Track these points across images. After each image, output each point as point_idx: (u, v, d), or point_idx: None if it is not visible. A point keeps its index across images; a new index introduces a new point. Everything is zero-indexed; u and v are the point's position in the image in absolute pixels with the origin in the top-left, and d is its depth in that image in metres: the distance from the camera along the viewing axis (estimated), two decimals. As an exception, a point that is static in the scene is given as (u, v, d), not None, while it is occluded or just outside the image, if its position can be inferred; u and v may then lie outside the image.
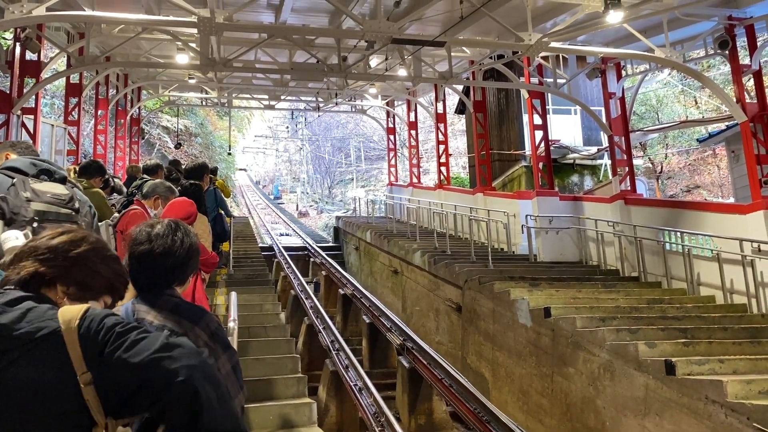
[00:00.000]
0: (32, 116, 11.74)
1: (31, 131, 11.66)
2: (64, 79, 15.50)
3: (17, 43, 11.46)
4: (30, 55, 11.82)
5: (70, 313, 1.49)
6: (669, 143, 29.30)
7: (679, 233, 10.99)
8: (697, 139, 20.92)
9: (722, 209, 11.32)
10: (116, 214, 5.17)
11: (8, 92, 11.26)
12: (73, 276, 1.67)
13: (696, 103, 30.02)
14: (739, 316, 8.88)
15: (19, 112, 11.26)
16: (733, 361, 6.73)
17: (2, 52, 11.41)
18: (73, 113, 15.23)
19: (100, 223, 4.41)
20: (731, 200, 17.44)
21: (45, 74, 12.31)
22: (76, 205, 3.11)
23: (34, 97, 11.70)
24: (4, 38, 13.98)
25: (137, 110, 22.53)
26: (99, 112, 17.80)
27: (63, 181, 3.21)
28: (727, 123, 14.78)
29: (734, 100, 11.03)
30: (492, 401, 8.35)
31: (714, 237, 10.17)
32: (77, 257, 1.68)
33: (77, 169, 6.32)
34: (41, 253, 1.66)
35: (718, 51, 11.58)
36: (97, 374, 1.43)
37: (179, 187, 5.64)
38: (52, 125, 14.52)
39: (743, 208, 10.29)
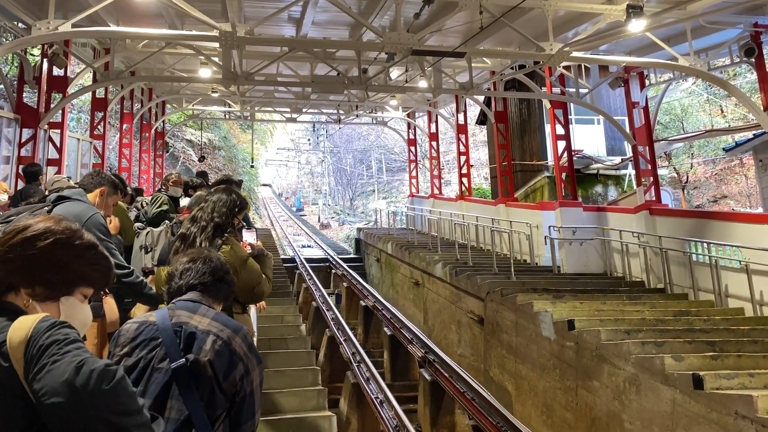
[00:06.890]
0: (59, 130, 11.97)
1: (58, 145, 11.88)
2: (90, 93, 15.79)
3: (44, 59, 11.70)
4: (57, 71, 12.05)
5: (21, 329, 1.38)
6: (694, 153, 28.85)
7: (705, 244, 10.78)
8: (724, 149, 20.53)
9: (750, 219, 11.06)
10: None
11: (36, 107, 11.49)
12: (37, 275, 1.52)
13: (722, 111, 29.56)
14: (770, 328, 8.65)
15: (46, 127, 11.51)
16: (763, 375, 6.54)
17: (30, 68, 11.65)
18: (98, 127, 15.51)
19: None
20: (759, 210, 17.08)
21: (71, 89, 12.56)
22: None
23: (60, 111, 11.93)
24: (32, 54, 14.26)
25: (161, 124, 22.86)
26: (124, 126, 18.10)
27: None
28: (754, 132, 14.50)
29: (761, 108, 10.82)
30: (515, 415, 8.22)
31: (742, 248, 9.95)
32: (38, 254, 1.51)
33: None
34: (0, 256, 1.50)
35: (744, 59, 11.41)
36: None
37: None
38: (78, 139, 14.80)
39: (772, 218, 10.06)
